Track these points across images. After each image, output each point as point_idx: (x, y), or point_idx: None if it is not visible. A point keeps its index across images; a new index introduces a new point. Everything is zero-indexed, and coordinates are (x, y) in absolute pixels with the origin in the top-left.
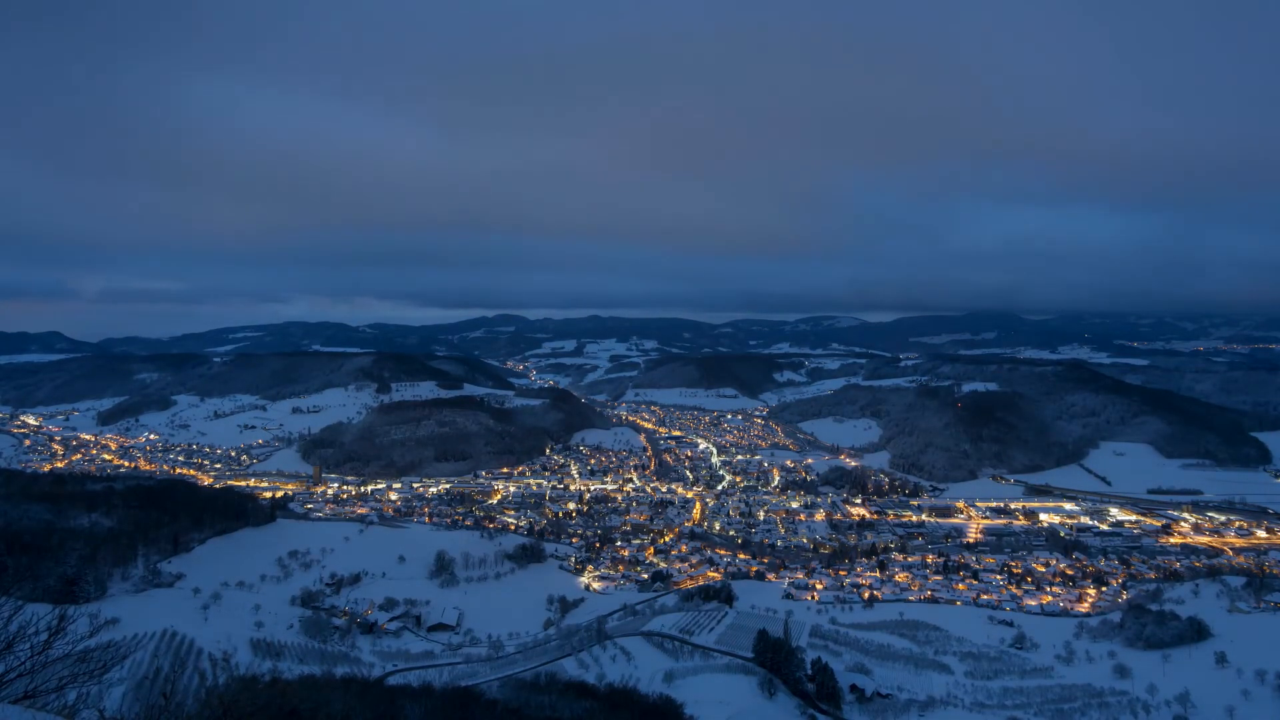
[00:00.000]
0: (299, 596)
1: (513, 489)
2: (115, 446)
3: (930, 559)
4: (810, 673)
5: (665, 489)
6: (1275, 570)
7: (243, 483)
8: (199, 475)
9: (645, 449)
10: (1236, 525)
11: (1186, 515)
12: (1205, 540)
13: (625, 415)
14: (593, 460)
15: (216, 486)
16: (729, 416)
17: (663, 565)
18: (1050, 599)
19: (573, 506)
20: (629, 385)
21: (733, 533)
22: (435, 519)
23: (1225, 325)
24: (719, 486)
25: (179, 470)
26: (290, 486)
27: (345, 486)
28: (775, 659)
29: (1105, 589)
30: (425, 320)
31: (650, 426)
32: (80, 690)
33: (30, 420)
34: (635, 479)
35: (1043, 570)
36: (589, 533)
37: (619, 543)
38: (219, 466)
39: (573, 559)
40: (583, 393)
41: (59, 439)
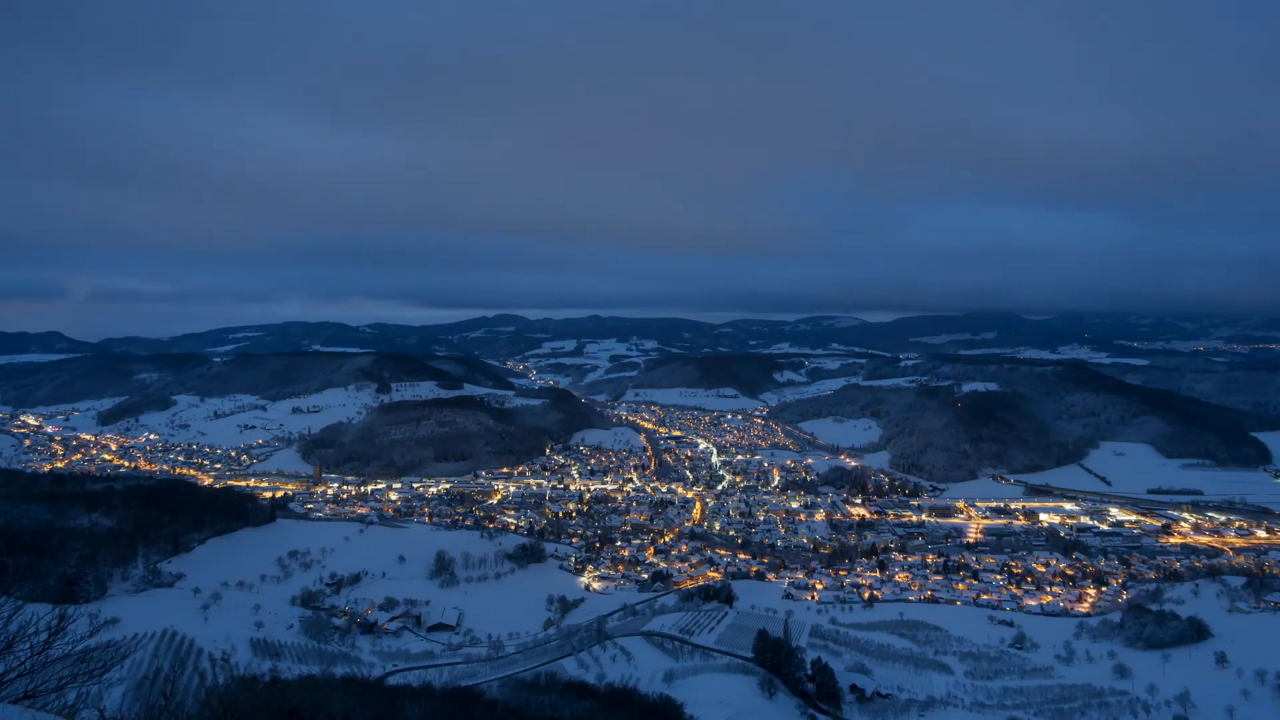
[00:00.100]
0: (299, 596)
1: (513, 489)
2: (115, 446)
3: (930, 559)
4: (810, 673)
5: (665, 489)
6: (1275, 570)
7: (243, 483)
8: (199, 475)
9: (645, 449)
10: (1236, 525)
11: (1186, 515)
12: (1205, 540)
13: (625, 415)
14: (593, 460)
15: (216, 486)
16: (729, 416)
17: (663, 565)
18: (1050, 599)
19: (573, 506)
20: (629, 385)
21: (733, 533)
22: (435, 519)
23: (1225, 325)
24: (719, 486)
25: (179, 470)
26: (290, 486)
27: (345, 486)
28: (775, 659)
29: (1105, 589)
30: (425, 320)
31: (650, 426)
32: (80, 690)
33: (30, 420)
34: (635, 479)
35: (1043, 570)
36: (589, 533)
37: (619, 543)
38: (219, 466)
39: (573, 559)
40: (583, 393)
41: (59, 439)
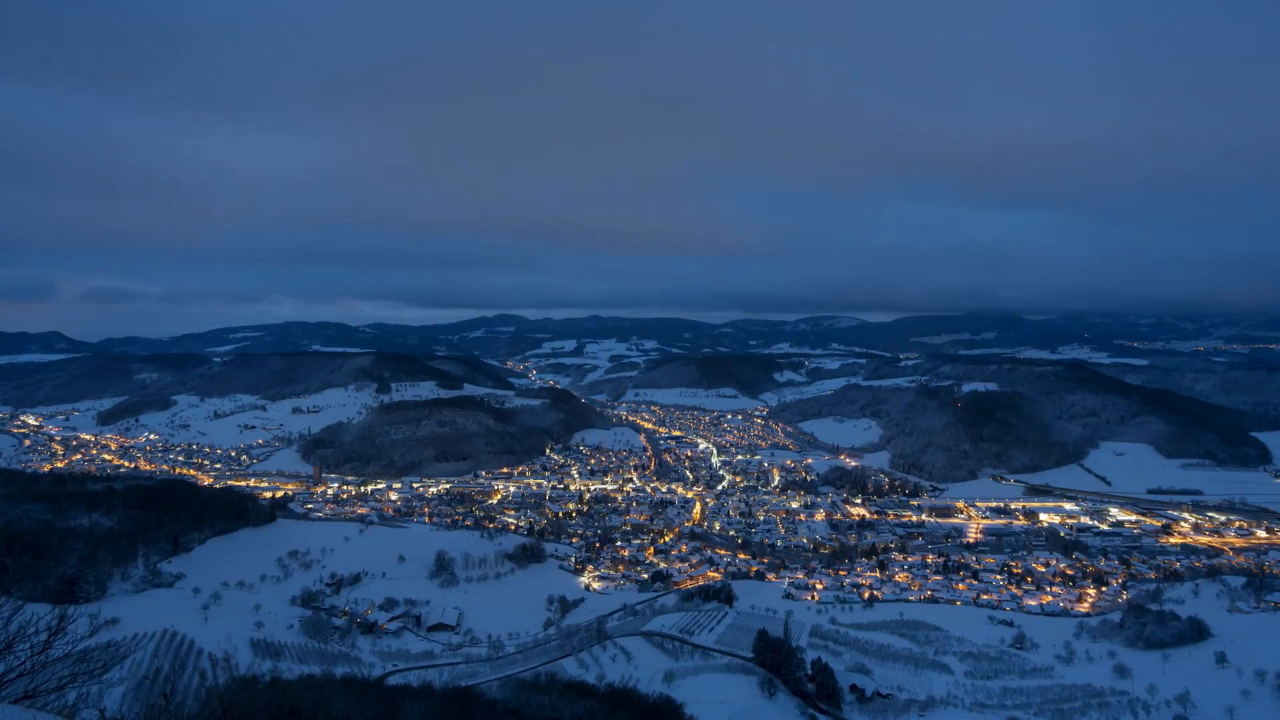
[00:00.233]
0: (299, 596)
1: (513, 489)
2: (115, 446)
3: (930, 559)
4: (810, 673)
5: (665, 489)
6: (1275, 570)
7: (243, 483)
8: (199, 475)
9: (645, 449)
10: (1236, 525)
11: (1186, 515)
12: (1205, 540)
13: (625, 415)
14: (593, 460)
15: (216, 486)
16: (729, 416)
17: (663, 565)
18: (1050, 599)
19: (573, 506)
20: (629, 385)
21: (733, 533)
22: (435, 519)
23: (1225, 325)
24: (719, 486)
25: (179, 470)
26: (290, 486)
27: (345, 486)
28: (775, 659)
29: (1105, 589)
30: (425, 320)
31: (650, 426)
32: (80, 690)
33: (30, 420)
34: (635, 479)
35: (1043, 570)
36: (589, 533)
37: (619, 543)
38: (219, 466)
39: (573, 559)
40: (583, 393)
41: (59, 439)
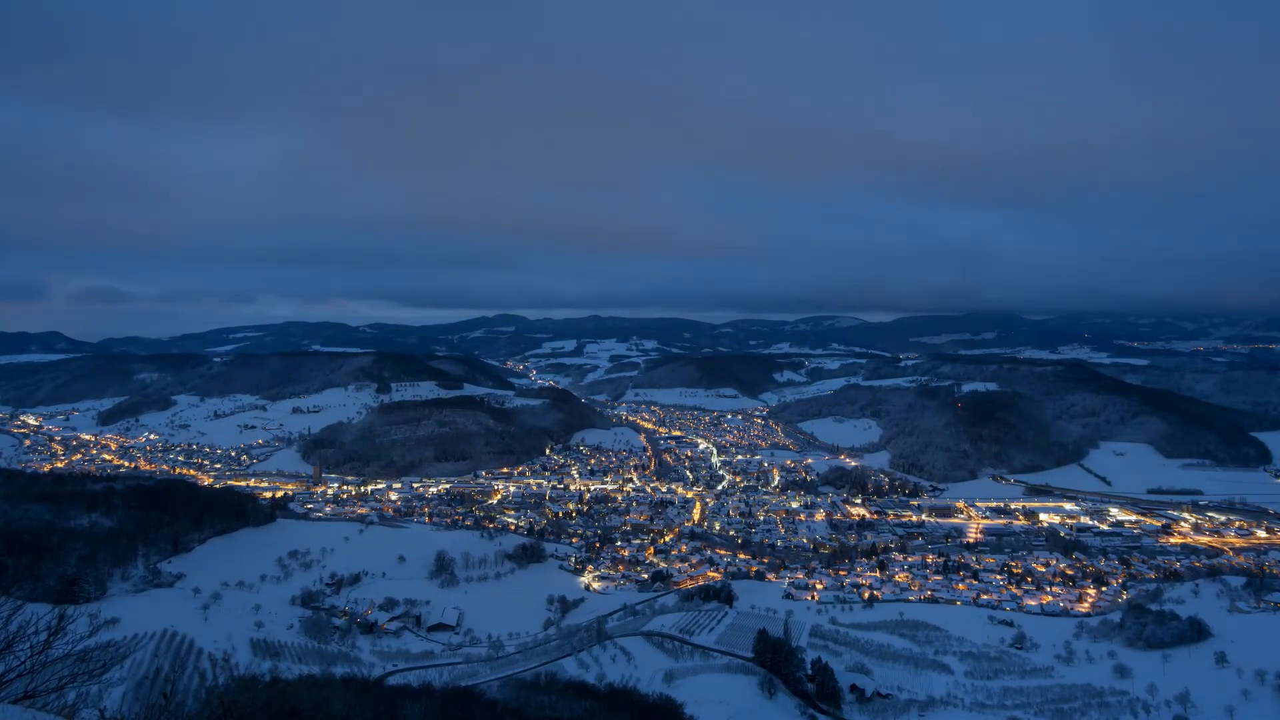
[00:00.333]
0: (299, 596)
1: (513, 489)
2: (115, 446)
3: (930, 559)
4: (810, 673)
5: (665, 489)
6: (1275, 570)
7: (243, 483)
8: (199, 475)
9: (645, 449)
10: (1236, 525)
11: (1186, 515)
12: (1205, 540)
13: (625, 415)
14: (593, 460)
15: (216, 486)
16: (729, 416)
17: (663, 565)
18: (1050, 599)
19: (573, 506)
20: (629, 385)
21: (733, 533)
22: (435, 519)
23: (1225, 325)
24: (719, 486)
25: (179, 470)
26: (290, 486)
27: (345, 486)
28: (775, 659)
29: (1105, 589)
30: (425, 320)
31: (650, 426)
32: (80, 690)
33: (30, 420)
34: (635, 479)
35: (1043, 570)
36: (589, 533)
37: (619, 543)
38: (219, 466)
39: (573, 559)
40: (583, 393)
41: (59, 439)
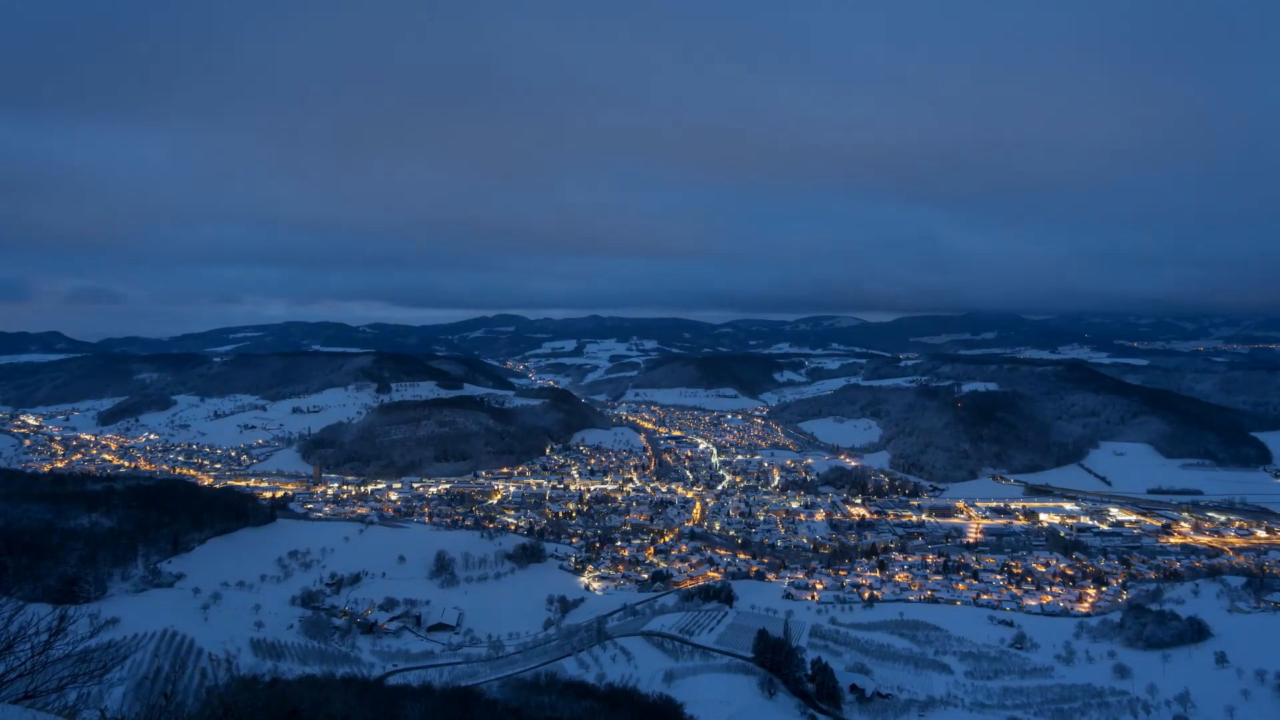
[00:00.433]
0: (299, 597)
1: (513, 489)
2: (115, 446)
3: (930, 559)
4: (810, 673)
5: (665, 489)
6: (1275, 570)
7: (243, 483)
8: (199, 475)
9: (645, 449)
10: (1236, 525)
11: (1186, 515)
12: (1205, 540)
13: (625, 415)
14: (593, 460)
15: (216, 486)
16: (729, 416)
17: (663, 565)
18: (1050, 599)
19: (573, 506)
20: (629, 385)
21: (733, 533)
22: (435, 519)
23: (1225, 325)
24: (719, 486)
25: (179, 470)
26: (290, 486)
27: (345, 486)
28: (775, 659)
29: (1105, 589)
30: (425, 320)
31: (650, 426)
32: (81, 690)
33: (30, 420)
34: (635, 479)
35: (1043, 570)
36: (589, 533)
37: (619, 543)
38: (219, 466)
39: (573, 559)
40: (583, 393)
41: (59, 439)
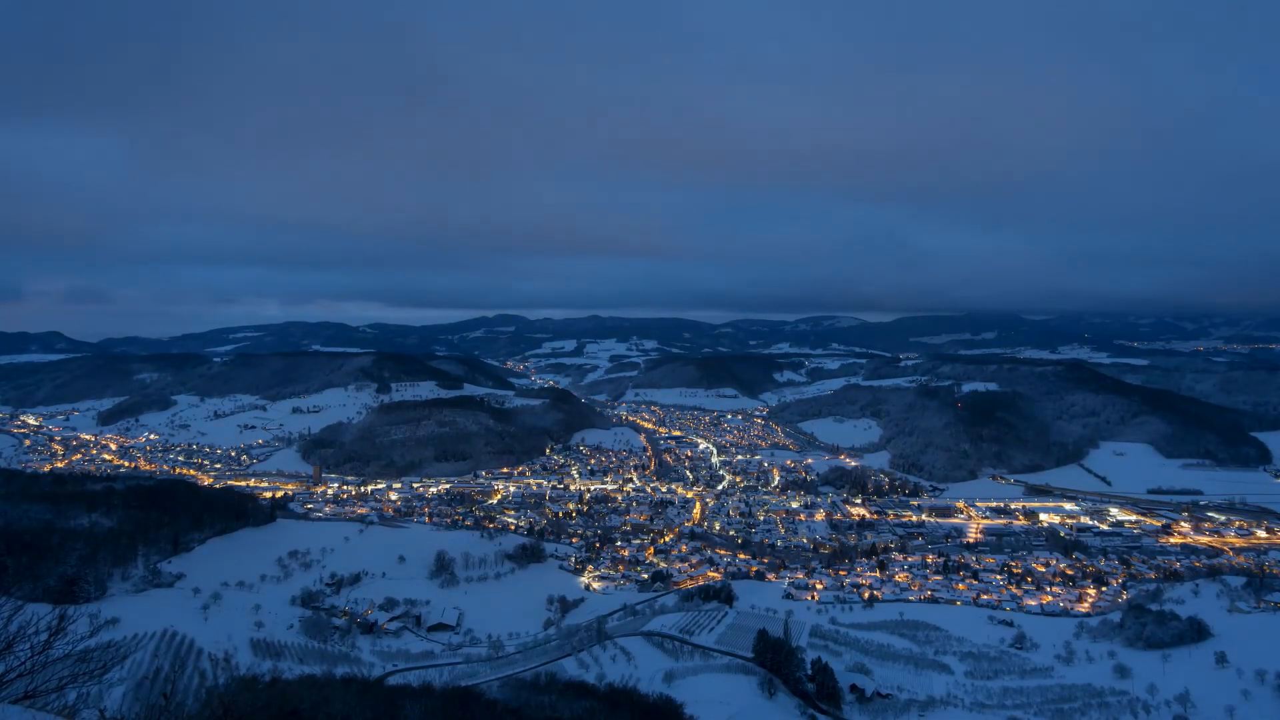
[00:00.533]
0: (299, 596)
1: (513, 489)
2: (115, 446)
3: (930, 559)
4: (810, 673)
5: (665, 489)
6: (1275, 570)
7: (243, 483)
8: (199, 475)
9: (645, 449)
10: (1236, 525)
11: (1186, 515)
12: (1205, 540)
13: (625, 415)
14: (593, 460)
15: (216, 486)
16: (729, 416)
17: (663, 565)
18: (1050, 599)
19: (573, 506)
20: (629, 385)
21: (733, 533)
22: (435, 519)
23: (1225, 325)
24: (719, 486)
25: (179, 470)
26: (290, 486)
27: (345, 486)
28: (775, 659)
29: (1105, 589)
30: (425, 320)
31: (650, 426)
32: (80, 690)
33: (30, 420)
34: (635, 479)
35: (1043, 570)
36: (589, 533)
37: (619, 543)
38: (219, 466)
39: (573, 559)
40: (583, 393)
41: (59, 439)
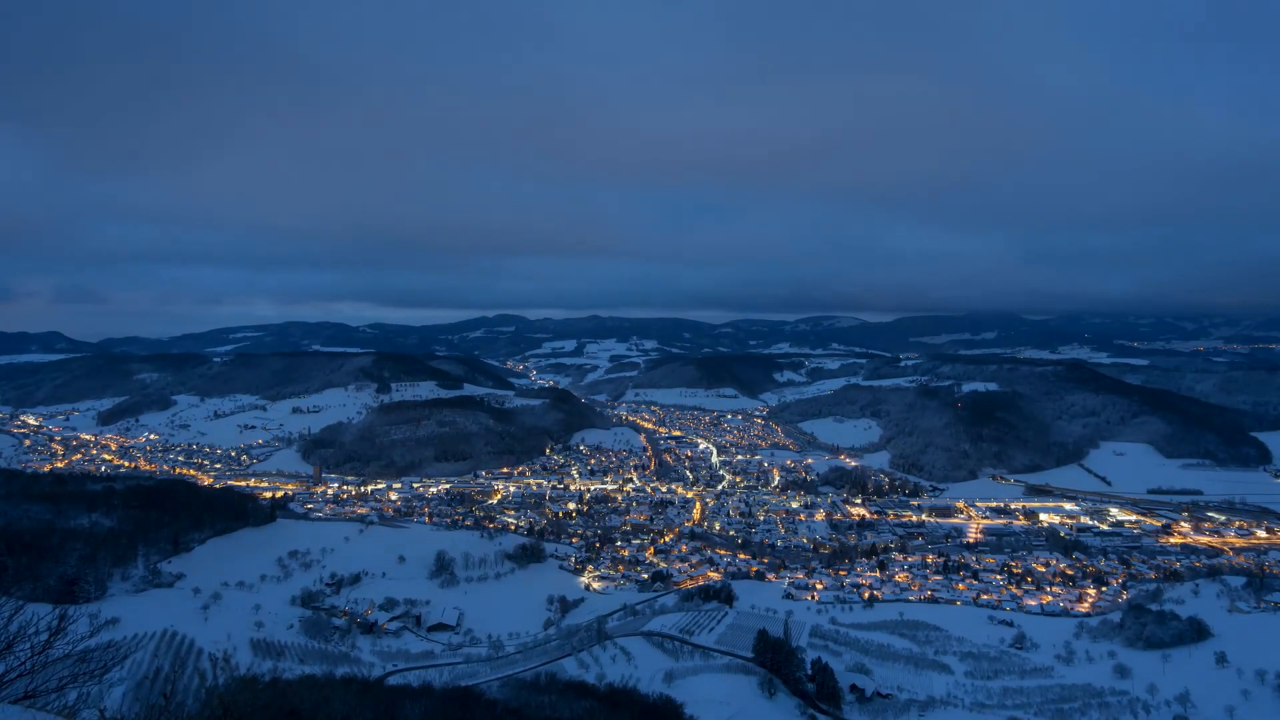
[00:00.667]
0: (299, 596)
1: (513, 489)
2: (115, 446)
3: (930, 559)
4: (810, 673)
5: (665, 489)
6: (1275, 570)
7: (243, 483)
8: (199, 475)
9: (645, 449)
10: (1236, 525)
11: (1186, 515)
12: (1205, 540)
13: (625, 415)
14: (593, 460)
15: (216, 486)
16: (729, 416)
17: (663, 565)
18: (1050, 599)
19: (573, 506)
20: (629, 385)
21: (733, 533)
22: (435, 519)
23: (1225, 325)
24: (719, 486)
25: (179, 470)
26: (290, 486)
27: (345, 486)
28: (775, 659)
29: (1105, 589)
30: (425, 320)
31: (650, 426)
32: (80, 690)
33: (30, 420)
34: (635, 479)
35: (1043, 570)
36: (589, 533)
37: (619, 543)
38: (219, 466)
39: (573, 559)
40: (583, 393)
41: (59, 439)
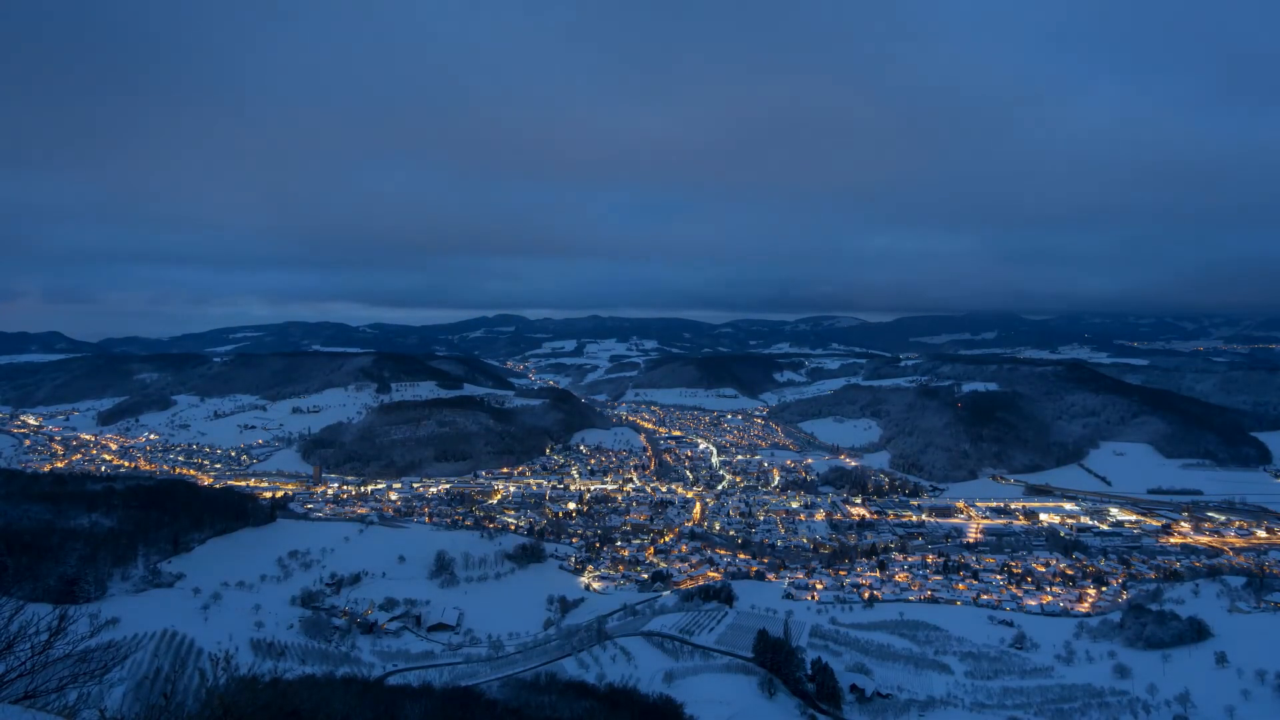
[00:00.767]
0: (299, 596)
1: (513, 489)
2: (115, 446)
3: (930, 559)
4: (810, 673)
5: (665, 489)
6: (1275, 570)
7: (243, 483)
8: (199, 475)
9: (645, 449)
10: (1236, 525)
11: (1186, 515)
12: (1205, 540)
13: (625, 415)
14: (593, 460)
15: (216, 486)
16: (729, 416)
17: (663, 565)
18: (1050, 599)
19: (573, 506)
20: (629, 385)
21: (733, 533)
22: (435, 519)
23: (1225, 325)
24: (719, 486)
25: (179, 470)
26: (290, 486)
27: (345, 486)
28: (775, 659)
29: (1105, 589)
30: (425, 320)
31: (650, 426)
32: (81, 690)
33: (30, 420)
34: (635, 479)
35: (1043, 570)
36: (589, 533)
37: (619, 543)
38: (219, 466)
39: (573, 559)
40: (583, 393)
41: (59, 439)
